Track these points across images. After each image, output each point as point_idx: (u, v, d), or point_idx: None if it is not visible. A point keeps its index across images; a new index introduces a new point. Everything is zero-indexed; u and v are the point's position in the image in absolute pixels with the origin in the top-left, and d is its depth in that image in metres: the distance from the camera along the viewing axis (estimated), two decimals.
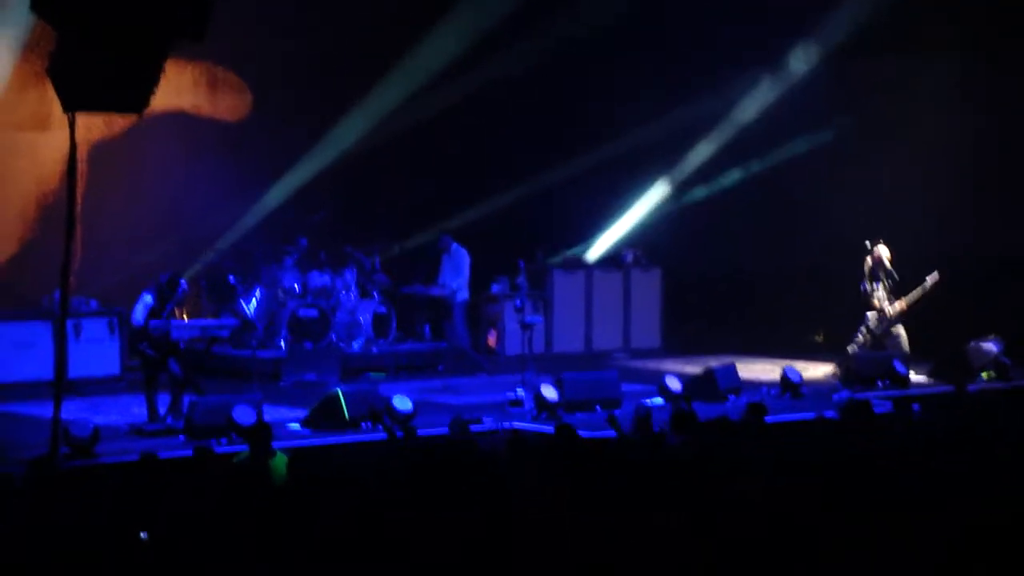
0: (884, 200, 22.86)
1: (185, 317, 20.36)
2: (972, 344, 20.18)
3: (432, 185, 24.50)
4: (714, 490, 9.87)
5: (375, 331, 22.00)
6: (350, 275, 22.06)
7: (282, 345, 21.16)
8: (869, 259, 20.46)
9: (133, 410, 17.30)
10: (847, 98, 23.75)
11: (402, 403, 16.17)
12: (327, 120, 23.32)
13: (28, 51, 20.57)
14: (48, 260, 18.19)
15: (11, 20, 20.39)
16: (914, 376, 19.76)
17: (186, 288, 17.05)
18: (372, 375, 21.05)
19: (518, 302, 21.01)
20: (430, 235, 23.54)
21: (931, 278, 20.35)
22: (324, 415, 16.25)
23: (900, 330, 20.42)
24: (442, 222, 23.77)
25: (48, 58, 9.02)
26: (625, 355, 23.97)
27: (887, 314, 20.40)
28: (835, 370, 20.52)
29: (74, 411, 16.51)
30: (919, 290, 20.38)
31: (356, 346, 21.66)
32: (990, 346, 20.14)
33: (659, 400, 17.57)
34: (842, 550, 9.01)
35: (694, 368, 20.51)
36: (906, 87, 22.67)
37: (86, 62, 8.78)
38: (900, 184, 22.85)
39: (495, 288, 23.47)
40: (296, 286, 21.70)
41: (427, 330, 22.66)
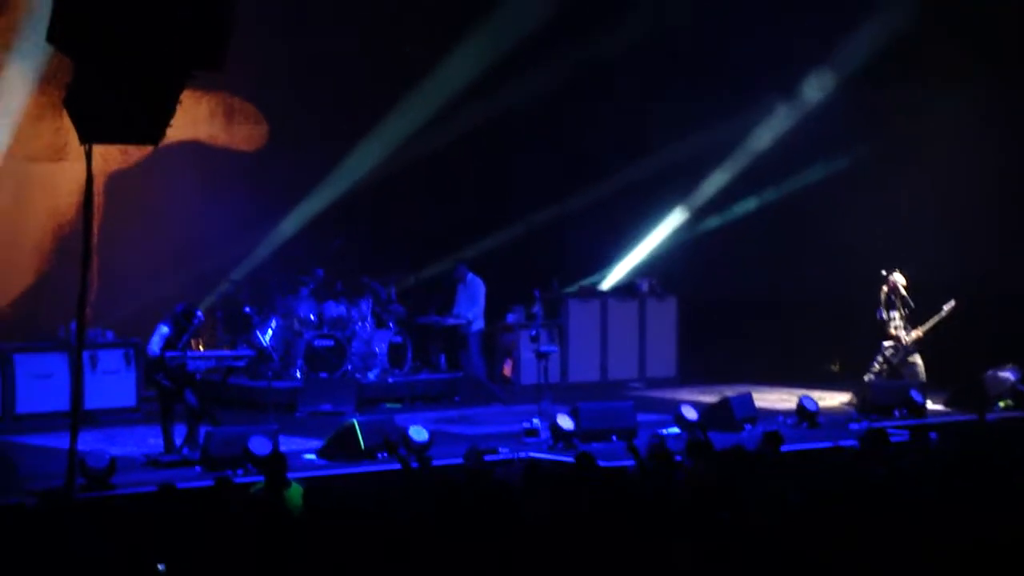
0: (900, 228, 22.83)
1: (201, 348, 20.43)
2: (989, 373, 20.12)
3: (448, 214, 24.51)
4: (729, 519, 9.83)
5: (391, 361, 21.98)
6: (366, 305, 22.06)
7: (298, 375, 21.16)
8: (885, 287, 20.43)
9: (149, 441, 17.28)
10: (864, 125, 23.72)
11: (418, 434, 16.16)
12: (342, 149, 23.36)
13: (45, 82, 20.64)
14: (64, 291, 18.30)
15: (28, 52, 20.47)
16: (931, 405, 19.70)
17: (202, 319, 17.05)
18: (388, 405, 21.02)
19: (533, 331, 21.01)
20: (446, 265, 23.56)
21: (947, 306, 20.30)
22: (340, 445, 16.23)
23: (917, 359, 20.37)
24: (457, 252, 23.80)
25: (65, 89, 9.04)
26: (641, 384, 23.93)
27: (903, 342, 20.35)
28: (852, 399, 20.46)
29: (91, 442, 16.50)
30: (935, 318, 20.33)
31: (372, 376, 21.64)
32: (1007, 375, 20.08)
33: (675, 430, 17.53)
34: None
35: (710, 397, 20.46)
36: (922, 114, 22.63)
37: (103, 93, 8.80)
38: (916, 212, 22.83)
39: (510, 318, 23.48)
40: (312, 316, 21.70)
41: (443, 360, 22.65)
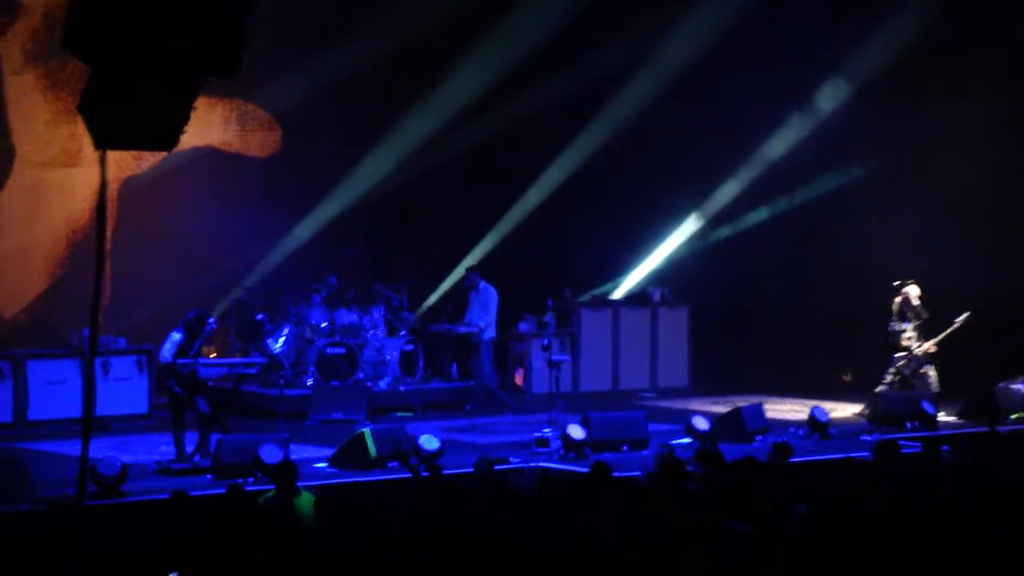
0: (914, 238, 22.78)
1: (213, 355, 20.42)
2: (1001, 385, 20.09)
3: (460, 222, 24.50)
4: (746, 531, 9.81)
5: (402, 369, 21.97)
6: (378, 313, 22.06)
7: (309, 383, 21.15)
8: (898, 298, 20.38)
9: (161, 448, 17.29)
10: (878, 135, 23.68)
11: (429, 442, 16.15)
12: (356, 157, 23.38)
13: (59, 88, 20.69)
14: (77, 297, 18.38)
15: (43, 57, 20.52)
16: (943, 417, 19.66)
17: (214, 326, 17.04)
18: (399, 414, 21.00)
19: (545, 340, 21.00)
20: (458, 272, 23.56)
21: (961, 318, 20.25)
22: (351, 454, 16.22)
23: (930, 370, 20.32)
24: (470, 259, 23.81)
25: (79, 95, 9.05)
26: (652, 394, 23.91)
27: (916, 354, 20.30)
28: (864, 410, 20.42)
29: (102, 449, 16.53)
30: (949, 330, 20.28)
31: (383, 384, 21.63)
32: (1020, 387, 20.06)
33: (687, 440, 17.50)
34: None
35: (721, 408, 20.45)
36: (937, 124, 22.58)
37: (117, 99, 8.79)
38: (930, 223, 22.75)
39: (522, 326, 23.48)
40: (324, 324, 21.70)
41: (454, 368, 22.62)
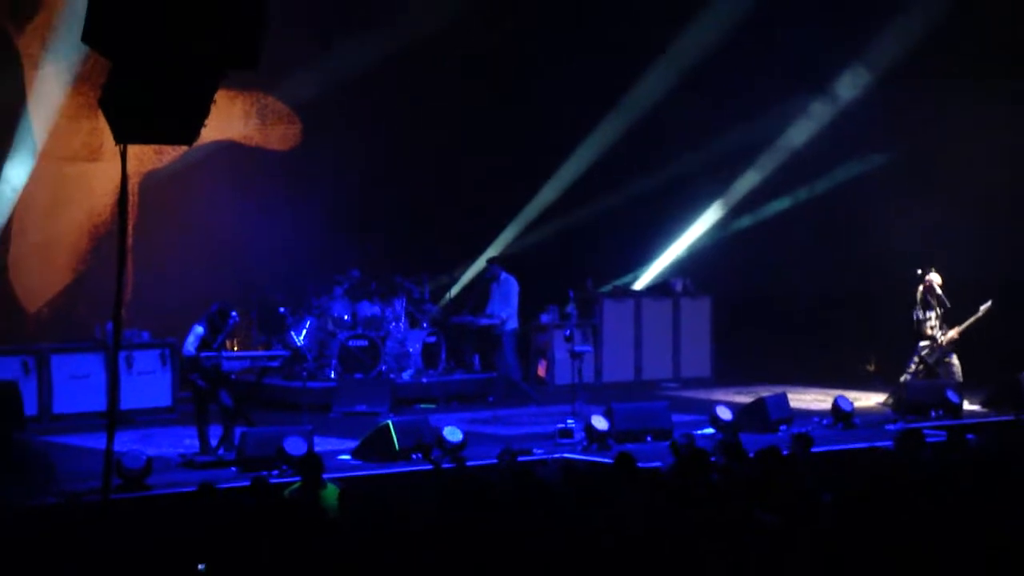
0: (937, 227, 22.71)
1: (236, 348, 20.45)
2: None
3: (482, 214, 24.49)
4: (761, 519, 9.80)
5: (425, 361, 21.98)
6: (400, 305, 22.07)
7: (332, 376, 21.17)
8: (921, 287, 20.32)
9: (185, 441, 17.31)
10: (900, 122, 23.61)
11: (452, 434, 16.15)
12: (377, 149, 23.36)
13: (80, 82, 20.72)
14: (100, 291, 18.39)
15: (64, 51, 20.56)
16: (968, 405, 19.60)
17: (237, 319, 17.05)
18: (422, 406, 21.02)
19: (567, 331, 20.97)
20: (480, 264, 23.56)
21: (984, 306, 20.18)
22: (375, 446, 16.23)
23: (954, 359, 20.25)
24: (491, 251, 23.80)
25: (100, 89, 9.05)
26: (675, 384, 23.89)
27: (939, 343, 20.24)
28: (888, 399, 20.38)
29: (127, 442, 16.58)
30: (972, 318, 20.21)
31: (406, 376, 21.64)
32: None
33: (710, 430, 17.48)
34: None
35: (745, 398, 20.41)
36: (959, 111, 22.50)
37: (138, 93, 8.80)
38: (953, 210, 22.68)
39: (544, 318, 23.47)
40: (346, 316, 21.72)
41: (476, 360, 22.62)
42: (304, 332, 21.54)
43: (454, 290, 24.14)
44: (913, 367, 20.33)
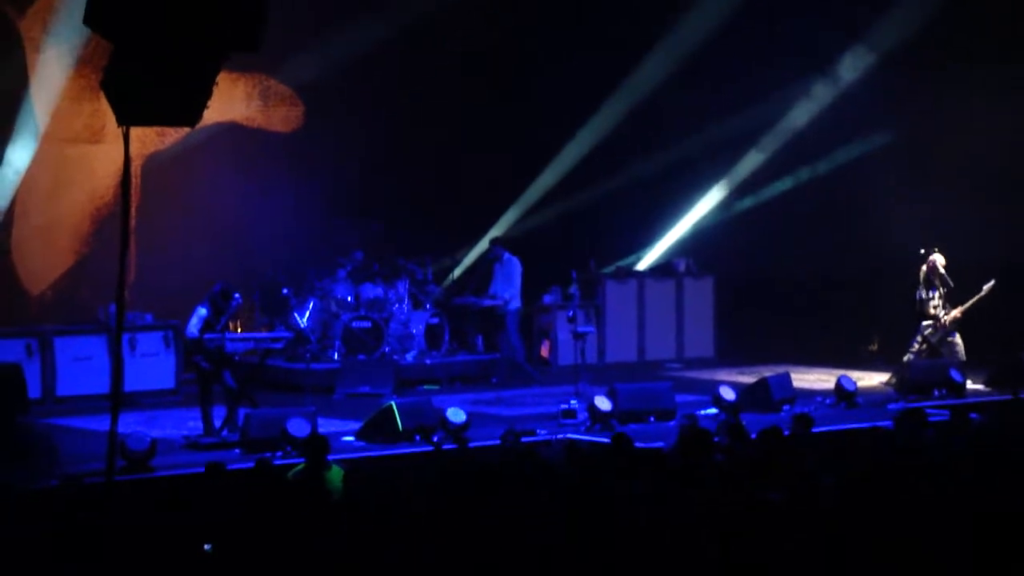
0: (939, 207, 22.69)
1: (239, 330, 20.45)
2: None
3: (485, 195, 24.47)
4: (763, 499, 9.82)
5: (428, 343, 21.99)
6: (403, 286, 22.08)
7: (336, 357, 21.19)
8: (924, 267, 20.31)
9: (188, 423, 17.36)
10: (902, 103, 23.58)
11: (456, 415, 16.18)
12: (378, 131, 23.34)
13: (82, 64, 20.71)
14: (103, 274, 18.38)
15: (66, 34, 20.54)
16: (971, 385, 19.61)
17: (240, 300, 17.06)
18: (425, 387, 21.03)
19: (570, 312, 20.97)
20: (483, 245, 23.56)
21: (987, 286, 20.19)
22: (379, 427, 16.25)
23: (956, 338, 20.26)
24: (494, 232, 23.81)
25: (102, 71, 9.05)
26: (678, 365, 23.90)
27: (943, 322, 20.24)
28: (891, 379, 20.39)
29: (131, 424, 16.58)
30: (975, 298, 20.22)
31: (409, 358, 21.66)
32: None
33: (713, 410, 17.49)
34: (895, 560, 8.97)
35: (748, 378, 20.44)
36: (961, 92, 22.47)
37: (140, 75, 8.79)
38: (956, 190, 22.66)
39: (547, 298, 23.48)
40: (349, 298, 21.73)
41: (479, 341, 22.63)
42: (307, 314, 21.56)
43: (457, 271, 24.17)
44: (916, 347, 20.34)
